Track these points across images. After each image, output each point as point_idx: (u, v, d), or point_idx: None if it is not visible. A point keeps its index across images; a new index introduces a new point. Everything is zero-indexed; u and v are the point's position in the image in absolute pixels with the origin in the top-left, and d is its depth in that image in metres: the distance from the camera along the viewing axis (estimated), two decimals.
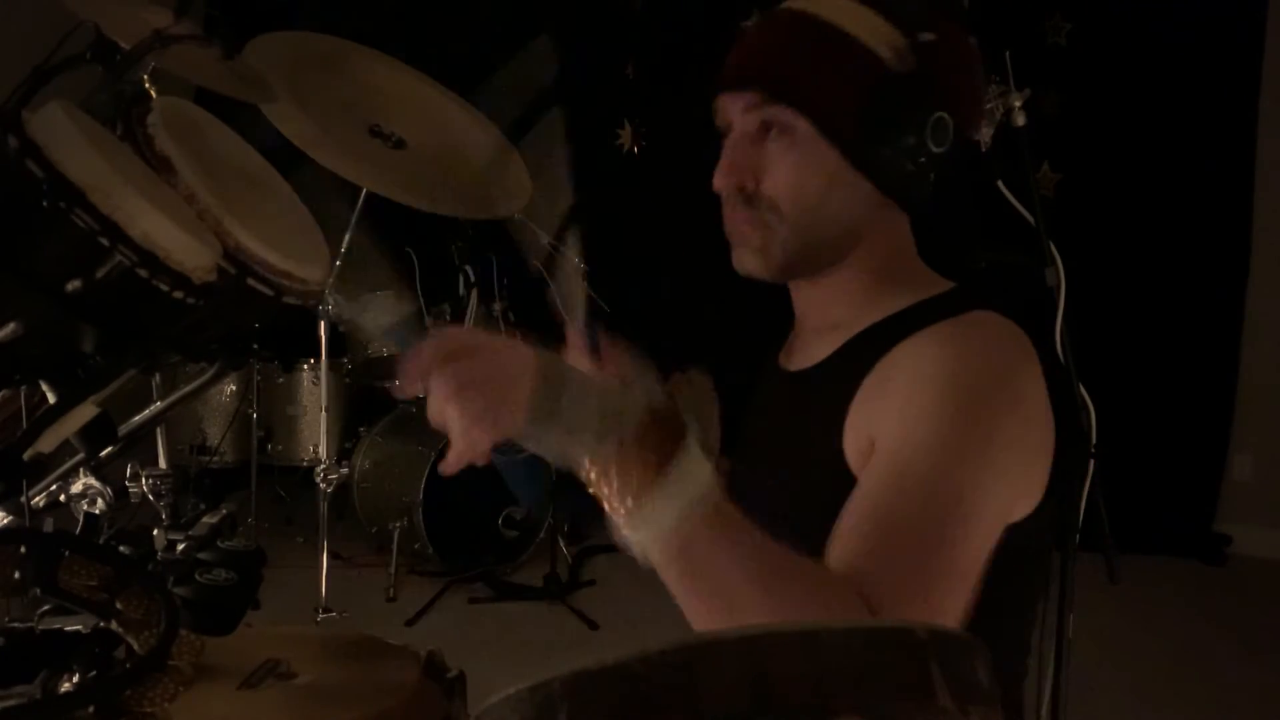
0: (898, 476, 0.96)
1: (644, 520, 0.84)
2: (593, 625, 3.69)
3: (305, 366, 4.50)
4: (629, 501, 0.84)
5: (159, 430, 1.61)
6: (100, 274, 0.99)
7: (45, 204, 0.96)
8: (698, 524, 0.84)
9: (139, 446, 1.30)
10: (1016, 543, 1.01)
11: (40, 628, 1.05)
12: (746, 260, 1.13)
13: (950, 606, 0.93)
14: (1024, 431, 1.02)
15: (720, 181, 1.12)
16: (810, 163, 1.09)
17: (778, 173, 1.10)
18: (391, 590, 3.92)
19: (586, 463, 0.86)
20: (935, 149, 1.07)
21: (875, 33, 1.07)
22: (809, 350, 1.19)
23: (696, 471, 0.84)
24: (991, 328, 1.06)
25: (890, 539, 0.92)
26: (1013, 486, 1.01)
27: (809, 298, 1.19)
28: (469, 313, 4.05)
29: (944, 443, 0.96)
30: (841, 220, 1.11)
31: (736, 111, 1.12)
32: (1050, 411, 1.05)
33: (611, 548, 4.84)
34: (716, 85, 1.13)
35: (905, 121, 1.06)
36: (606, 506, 0.86)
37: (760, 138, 1.11)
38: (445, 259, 4.07)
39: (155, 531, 1.19)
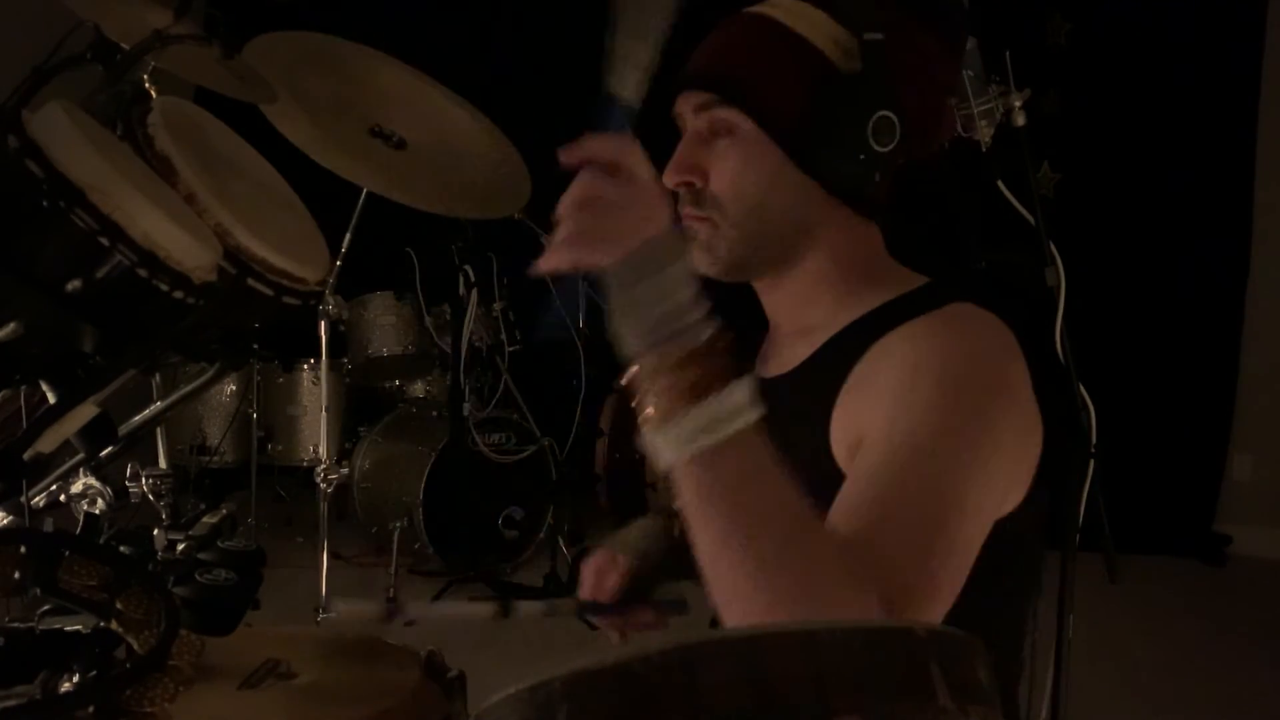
0: (892, 461, 0.95)
1: (669, 431, 0.85)
2: (592, 625, 3.68)
3: (305, 366, 4.50)
4: (658, 408, 0.85)
5: (159, 430, 1.61)
6: (100, 274, 0.99)
7: (45, 204, 0.96)
8: (726, 452, 0.84)
9: (139, 446, 1.30)
10: (1006, 536, 1.02)
11: (40, 628, 1.05)
12: (697, 258, 1.14)
13: (948, 587, 0.93)
14: (1012, 422, 1.02)
15: (669, 179, 1.13)
16: (753, 162, 1.10)
17: (722, 172, 1.11)
18: (392, 590, 3.92)
19: (635, 358, 0.87)
20: (878, 148, 1.07)
21: (822, 31, 1.08)
22: (784, 356, 1.18)
23: (738, 410, 0.84)
24: (973, 320, 1.06)
25: (890, 517, 0.92)
26: (1005, 477, 1.01)
27: (777, 302, 1.20)
28: (469, 312, 4.05)
29: (936, 430, 0.96)
30: (787, 218, 1.12)
31: (689, 111, 1.14)
32: (1035, 402, 1.05)
33: None
34: (674, 87, 1.15)
35: (845, 120, 1.07)
36: (637, 400, 0.87)
37: (709, 138, 1.12)
38: (445, 259, 4.07)
39: (155, 531, 1.19)
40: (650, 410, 0.86)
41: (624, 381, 0.88)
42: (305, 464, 4.48)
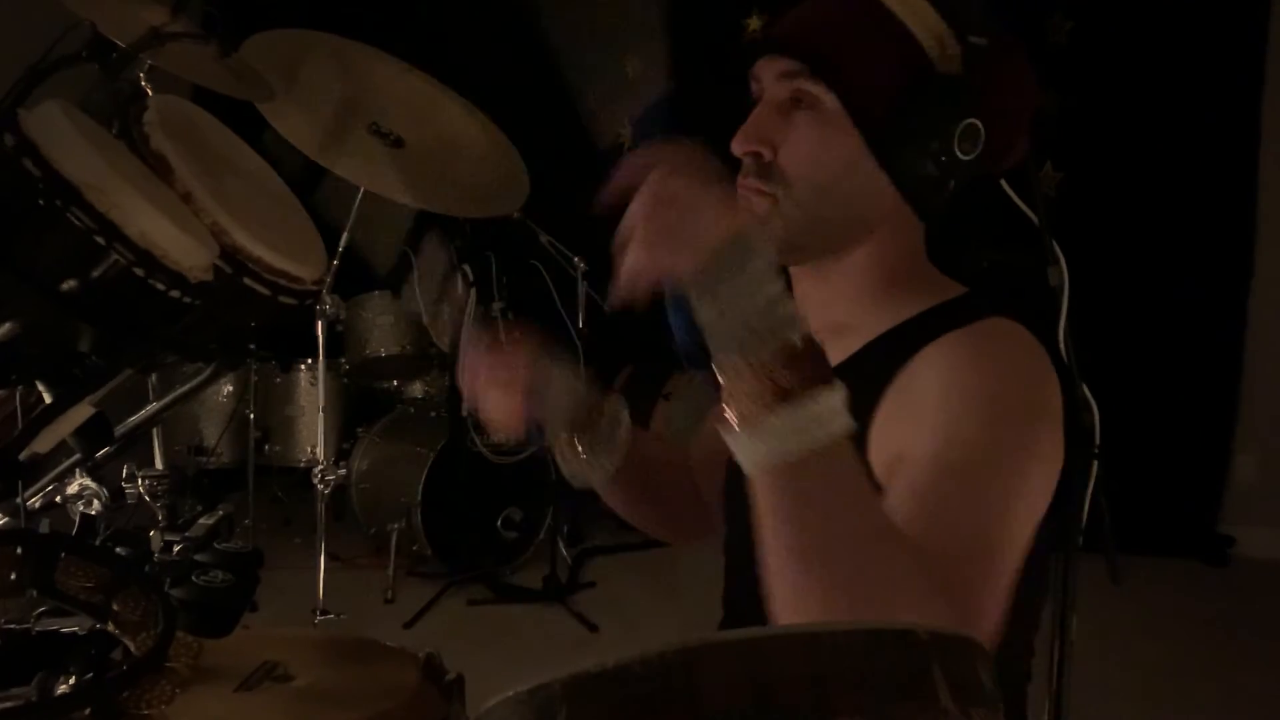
0: (944, 478, 0.94)
1: (752, 436, 0.81)
2: (592, 627, 3.68)
3: (303, 366, 4.50)
4: (743, 411, 0.81)
5: (155, 431, 1.60)
6: (96, 273, 0.98)
7: (41, 202, 0.96)
8: (812, 462, 0.80)
9: (135, 447, 1.29)
10: (1031, 547, 1.02)
11: (37, 629, 1.05)
12: None
13: (999, 604, 0.93)
14: (1050, 437, 1.02)
15: (738, 146, 1.09)
16: (831, 142, 1.07)
17: (797, 146, 1.08)
18: (390, 592, 3.91)
19: (717, 353, 0.83)
20: (962, 156, 1.05)
21: (927, 25, 1.05)
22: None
23: (831, 418, 0.80)
24: (1012, 336, 1.05)
25: (950, 537, 0.90)
26: (1043, 492, 1.01)
27: (810, 296, 1.17)
28: (467, 312, 4.05)
29: (984, 450, 0.95)
30: (852, 207, 1.09)
31: (770, 78, 1.10)
32: (1062, 416, 1.04)
33: (611, 549, 4.84)
34: (756, 50, 1.11)
35: (936, 121, 1.05)
36: (722, 398, 0.83)
37: (788, 108, 1.08)
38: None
39: (152, 533, 1.18)
40: (732, 413, 0.82)
41: (711, 383, 0.84)
42: (303, 465, 4.47)
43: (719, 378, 0.83)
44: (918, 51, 1.05)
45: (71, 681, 0.96)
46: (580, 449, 1.20)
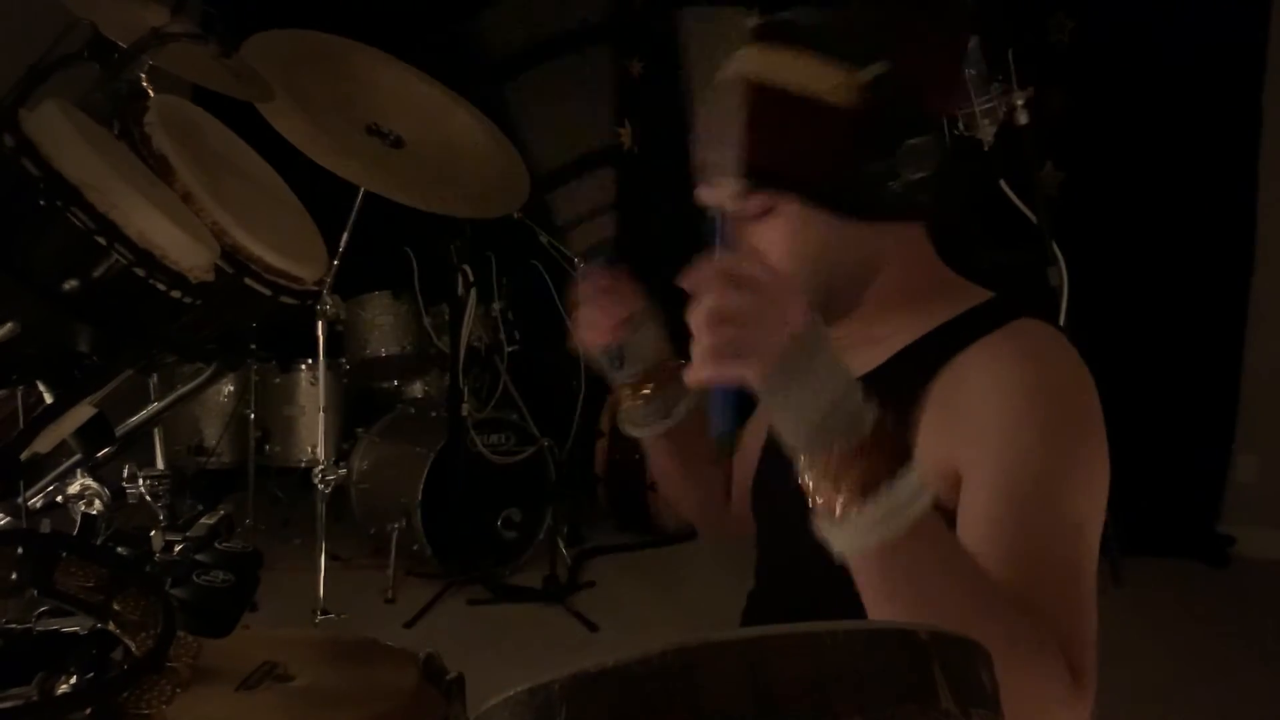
0: (1021, 507, 0.95)
1: (845, 528, 0.84)
2: (592, 627, 3.68)
3: (303, 367, 4.49)
4: (832, 504, 0.84)
5: (156, 431, 1.61)
6: (97, 273, 0.99)
7: (41, 202, 0.96)
8: (905, 542, 0.83)
9: (136, 447, 1.29)
10: None
11: (37, 629, 1.05)
12: None
13: (1093, 619, 0.95)
14: (1101, 439, 1.03)
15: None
16: (802, 232, 1.08)
17: (771, 249, 1.10)
18: (390, 592, 3.91)
19: (799, 453, 0.85)
20: (914, 174, 1.04)
21: (820, 80, 1.04)
22: (850, 359, 1.17)
23: (911, 500, 0.83)
24: (1047, 339, 1.06)
25: (1041, 571, 0.93)
26: (1104, 495, 1.02)
27: (848, 315, 1.17)
28: (467, 312, 4.05)
29: (1052, 467, 0.97)
30: (851, 263, 1.11)
31: (722, 200, 1.11)
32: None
33: (611, 549, 4.83)
34: (695, 177, 1.12)
35: (870, 158, 1.04)
36: (808, 493, 0.86)
37: (754, 218, 1.10)
38: (444, 258, 4.06)
39: (152, 533, 1.18)
40: (823, 504, 0.84)
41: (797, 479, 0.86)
42: (303, 465, 4.47)
43: (805, 476, 0.85)
44: (826, 110, 1.03)
45: (72, 681, 0.96)
46: (642, 398, 1.27)
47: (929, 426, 1.04)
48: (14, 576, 1.00)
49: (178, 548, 1.15)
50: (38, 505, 1.19)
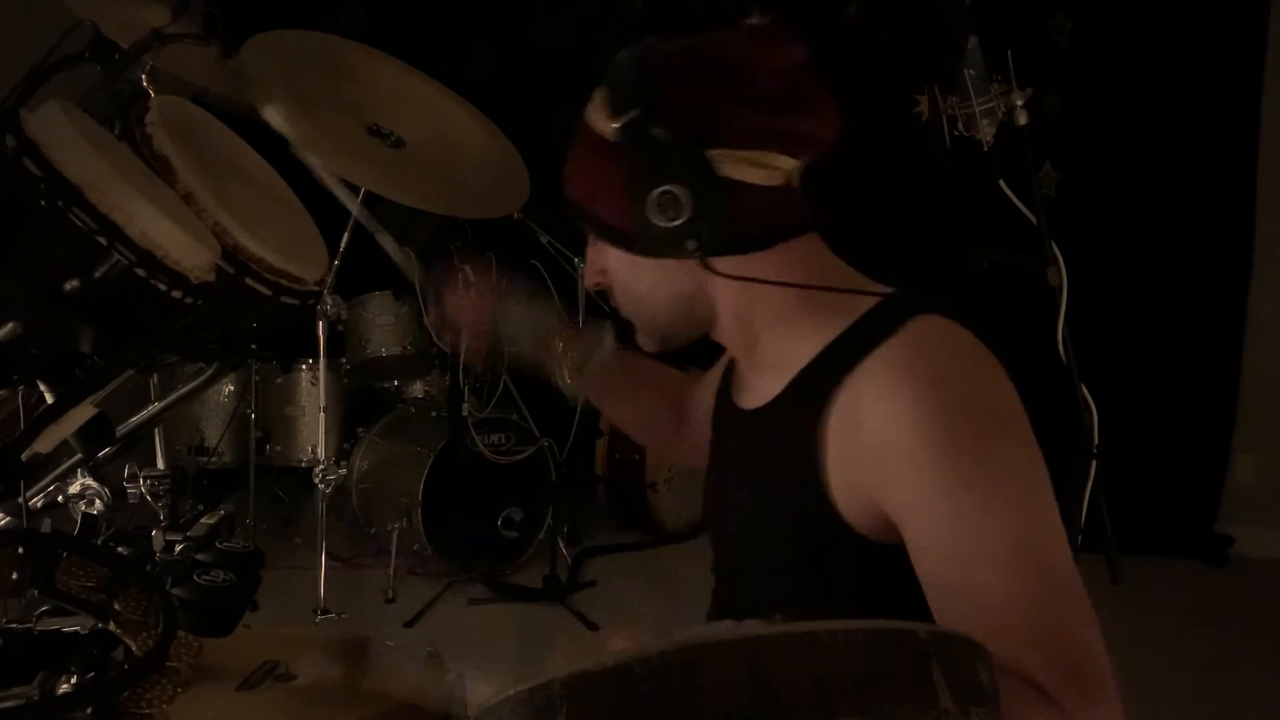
0: (965, 534, 0.93)
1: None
2: (592, 626, 3.68)
3: (304, 366, 4.49)
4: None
5: (157, 431, 1.61)
6: (98, 273, 0.99)
7: (43, 203, 0.96)
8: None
9: (137, 447, 1.30)
10: None
11: (38, 629, 1.05)
12: (638, 339, 1.22)
13: (1088, 610, 0.95)
14: (1024, 427, 1.00)
15: (587, 282, 1.21)
16: (617, 263, 1.13)
17: (614, 277, 1.16)
18: (390, 591, 3.91)
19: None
20: (669, 223, 1.03)
21: (600, 120, 1.07)
22: (756, 388, 1.15)
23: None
24: (941, 338, 1.02)
25: (1028, 610, 0.91)
26: (1047, 478, 0.99)
27: (735, 344, 1.18)
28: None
29: (983, 478, 0.94)
30: (668, 299, 1.12)
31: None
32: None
33: (611, 549, 4.85)
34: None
35: (632, 203, 1.05)
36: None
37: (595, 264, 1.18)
38: (444, 259, 4.06)
39: (153, 532, 1.18)
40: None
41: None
42: (304, 465, 4.46)
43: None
44: (613, 150, 1.05)
45: (73, 681, 0.96)
46: (564, 361, 1.46)
47: (835, 459, 1.01)
48: (15, 576, 1.00)
49: (178, 547, 1.15)
50: (39, 505, 1.20)
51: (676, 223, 1.03)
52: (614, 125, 1.04)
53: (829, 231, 1.12)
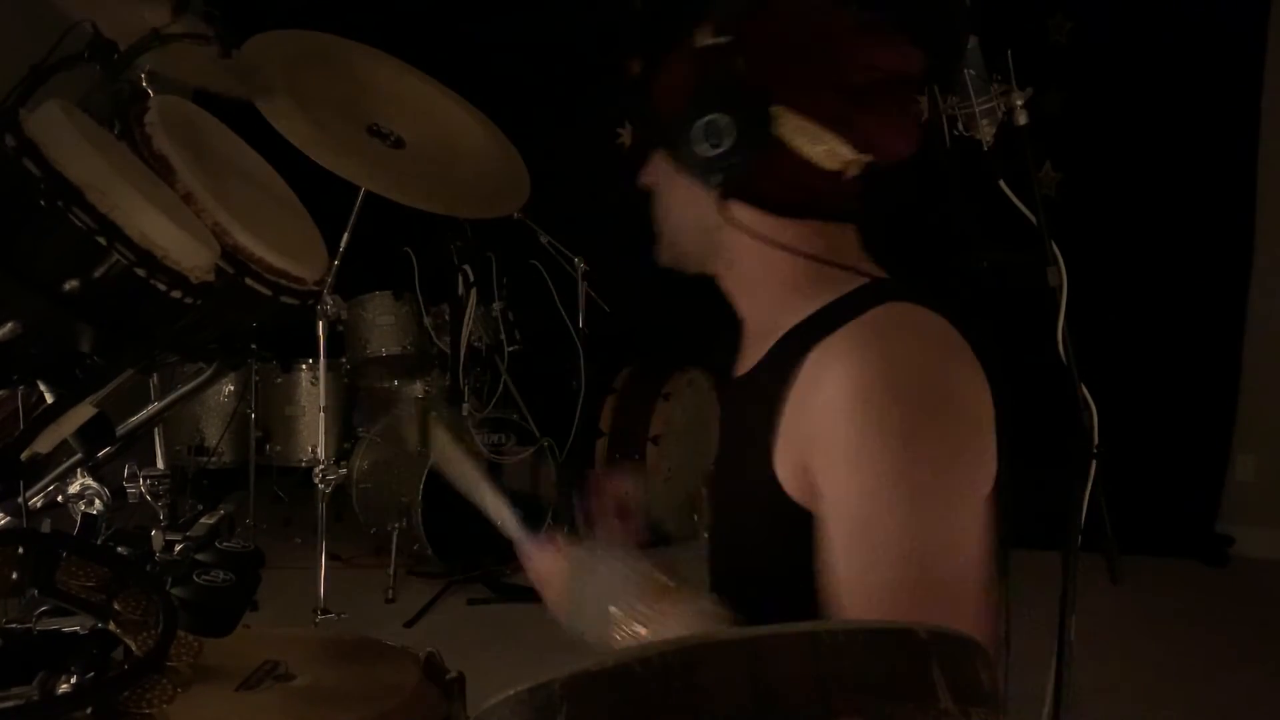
0: (875, 526, 0.94)
1: None
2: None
3: (303, 366, 4.49)
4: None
5: (156, 431, 1.61)
6: (98, 273, 0.99)
7: (43, 203, 0.96)
8: None
9: (136, 447, 1.29)
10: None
11: (38, 628, 1.05)
12: (656, 249, 1.20)
13: (981, 608, 0.95)
14: (966, 414, 1.00)
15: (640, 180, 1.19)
16: (664, 172, 1.13)
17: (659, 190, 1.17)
18: (390, 591, 3.91)
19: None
20: (708, 149, 1.05)
21: (701, 34, 1.08)
22: (748, 355, 1.17)
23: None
24: (900, 325, 1.03)
25: (919, 598, 0.91)
26: (977, 468, 1.00)
27: (740, 300, 1.18)
28: (468, 312, 4.05)
29: (898, 472, 0.94)
30: (690, 224, 1.13)
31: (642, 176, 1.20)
32: (984, 379, 1.02)
33: None
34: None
35: (690, 123, 1.05)
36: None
37: (649, 186, 1.18)
38: (444, 259, 4.06)
39: (153, 532, 1.18)
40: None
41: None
42: (304, 464, 4.46)
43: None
44: (707, 55, 1.07)
45: (73, 681, 0.96)
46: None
47: (788, 422, 1.02)
48: (15, 576, 1.00)
49: (178, 547, 1.15)
50: (38, 505, 1.20)
51: (712, 154, 1.04)
52: (709, 41, 1.06)
53: (867, 228, 1.14)
